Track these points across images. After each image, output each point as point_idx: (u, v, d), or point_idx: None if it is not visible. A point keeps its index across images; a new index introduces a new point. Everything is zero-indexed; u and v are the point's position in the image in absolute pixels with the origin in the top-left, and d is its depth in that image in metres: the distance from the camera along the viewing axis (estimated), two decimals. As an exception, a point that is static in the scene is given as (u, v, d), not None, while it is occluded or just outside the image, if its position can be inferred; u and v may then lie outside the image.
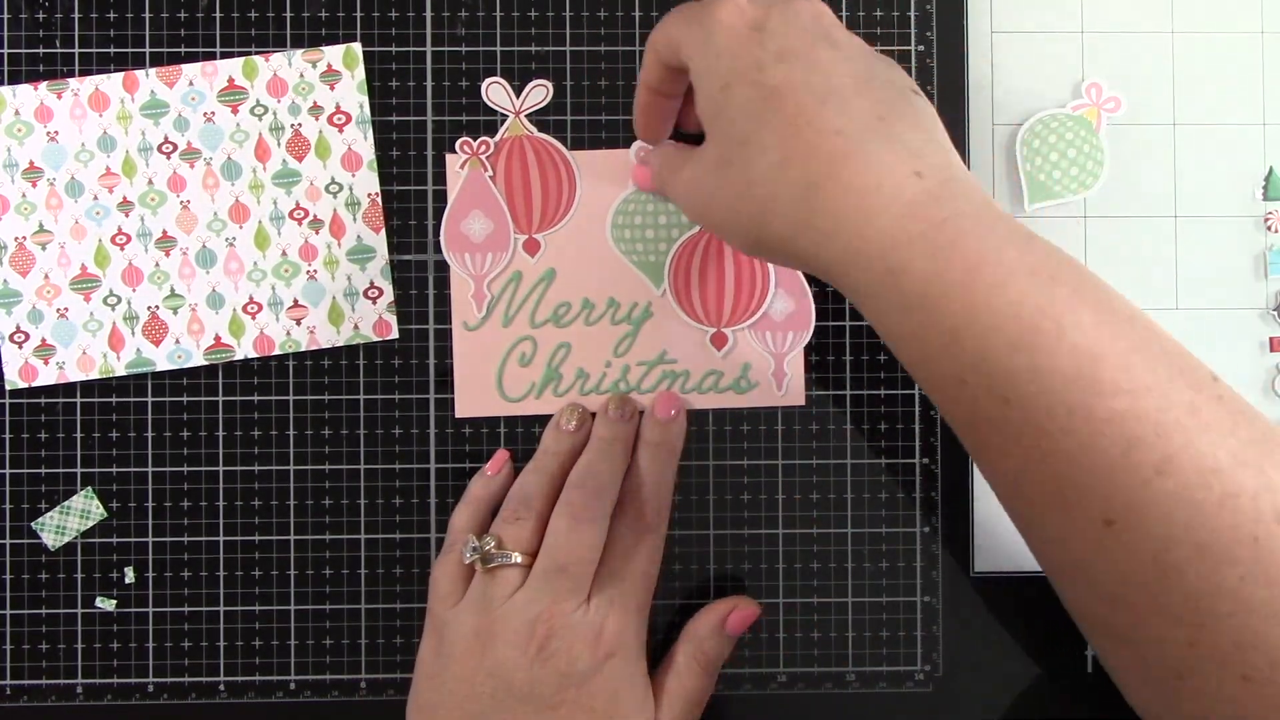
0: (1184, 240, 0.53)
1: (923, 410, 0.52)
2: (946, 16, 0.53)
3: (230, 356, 0.52)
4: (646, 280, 0.52)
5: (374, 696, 0.52)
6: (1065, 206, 0.53)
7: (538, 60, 0.52)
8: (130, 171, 0.51)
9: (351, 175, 0.52)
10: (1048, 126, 0.53)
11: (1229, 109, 0.53)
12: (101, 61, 0.51)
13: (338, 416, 0.52)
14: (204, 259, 0.52)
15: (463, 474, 0.52)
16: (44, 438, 0.51)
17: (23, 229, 0.51)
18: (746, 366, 0.52)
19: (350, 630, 0.52)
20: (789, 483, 0.52)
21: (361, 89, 0.52)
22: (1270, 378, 0.53)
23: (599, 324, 0.52)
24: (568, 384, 0.52)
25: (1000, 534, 0.53)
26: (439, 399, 0.52)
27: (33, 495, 0.51)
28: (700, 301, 0.52)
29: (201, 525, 0.52)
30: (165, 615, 0.52)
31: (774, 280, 0.52)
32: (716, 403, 0.52)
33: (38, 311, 0.51)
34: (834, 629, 0.52)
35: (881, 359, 0.52)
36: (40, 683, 0.51)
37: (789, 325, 0.52)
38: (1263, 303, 0.53)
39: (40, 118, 0.51)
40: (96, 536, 0.52)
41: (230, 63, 0.52)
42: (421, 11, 0.52)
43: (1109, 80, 0.53)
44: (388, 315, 0.52)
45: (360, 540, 0.52)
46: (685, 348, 0.52)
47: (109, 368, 0.51)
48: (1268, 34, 0.53)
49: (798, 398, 0.52)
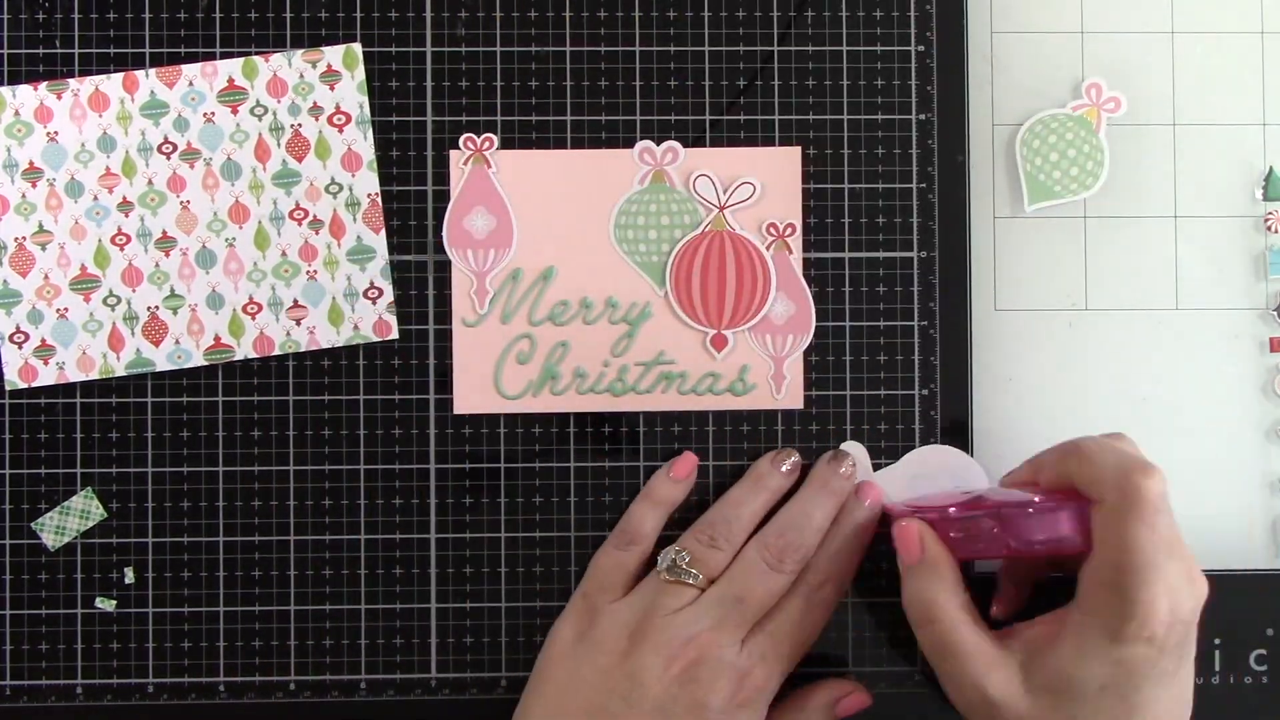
0: (1184, 240, 0.53)
1: (923, 410, 0.52)
2: (946, 16, 0.53)
3: (230, 357, 0.52)
4: (648, 280, 0.52)
5: (374, 697, 0.52)
6: (1065, 206, 0.53)
7: (537, 60, 0.52)
8: (130, 172, 0.51)
9: (351, 175, 0.52)
10: (1048, 126, 0.53)
11: (1229, 109, 0.53)
12: (101, 61, 0.51)
13: (338, 416, 0.52)
14: (204, 259, 0.52)
15: (463, 474, 0.52)
16: (44, 438, 0.52)
17: (23, 229, 0.51)
18: (745, 369, 0.52)
19: (350, 630, 0.52)
20: (789, 483, 0.52)
21: (361, 89, 0.52)
22: (1270, 378, 0.53)
23: (598, 323, 0.52)
24: (565, 383, 0.52)
25: (1000, 534, 0.53)
26: (439, 399, 0.52)
27: (33, 495, 0.51)
28: (701, 303, 0.52)
29: (201, 525, 0.52)
30: (165, 615, 0.52)
31: (775, 283, 0.52)
32: (714, 404, 0.52)
33: (38, 312, 0.51)
34: (833, 629, 0.52)
35: (881, 359, 0.52)
36: (40, 683, 0.51)
37: (789, 328, 0.52)
38: (1263, 303, 0.53)
39: (40, 118, 0.51)
40: (96, 536, 0.52)
41: (230, 63, 0.52)
42: (421, 11, 0.52)
43: (1109, 80, 0.53)
44: (388, 315, 0.52)
45: (360, 540, 0.52)
46: (684, 349, 0.52)
47: (109, 368, 0.51)
48: (1268, 34, 0.53)
49: (796, 401, 0.52)
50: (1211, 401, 0.53)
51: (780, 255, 0.52)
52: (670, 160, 0.52)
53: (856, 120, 0.52)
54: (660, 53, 0.52)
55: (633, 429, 0.52)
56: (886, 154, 0.53)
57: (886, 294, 0.52)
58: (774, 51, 0.53)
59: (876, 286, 0.52)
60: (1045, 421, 0.53)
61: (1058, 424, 0.53)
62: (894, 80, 0.52)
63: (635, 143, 0.52)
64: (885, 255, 0.52)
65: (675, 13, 0.52)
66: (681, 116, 0.52)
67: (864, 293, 0.52)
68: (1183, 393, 0.53)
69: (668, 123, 0.52)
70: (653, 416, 0.52)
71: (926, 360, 0.52)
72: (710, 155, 0.52)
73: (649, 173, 0.52)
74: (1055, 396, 0.53)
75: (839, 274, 0.52)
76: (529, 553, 0.52)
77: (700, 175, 0.52)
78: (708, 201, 0.52)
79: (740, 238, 0.52)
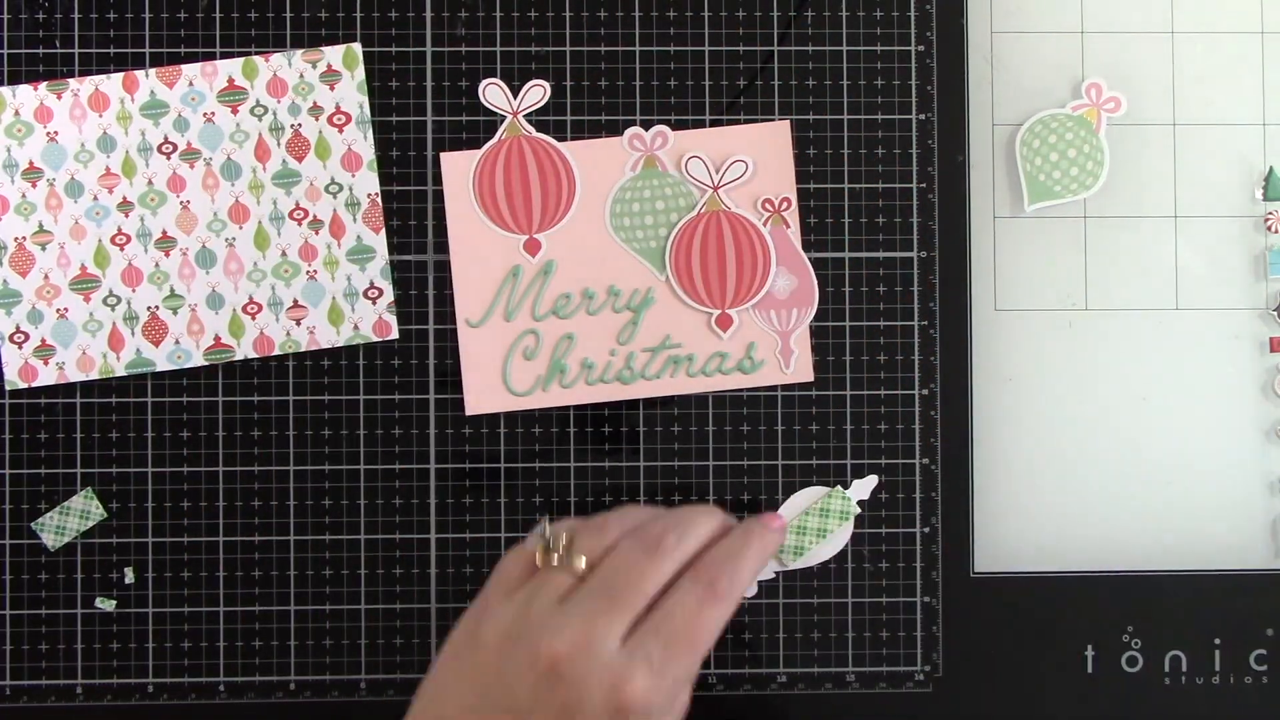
0: (1184, 240, 0.53)
1: (923, 410, 0.52)
2: (946, 16, 0.53)
3: (230, 357, 0.52)
4: (648, 266, 0.52)
5: (374, 696, 0.52)
6: (1065, 206, 0.53)
7: (537, 60, 0.52)
8: (130, 172, 0.51)
9: (351, 175, 0.52)
10: (1048, 126, 0.53)
11: (1229, 109, 0.53)
12: (101, 61, 0.51)
13: (338, 416, 0.52)
14: (204, 259, 0.52)
15: (463, 474, 0.52)
16: (44, 438, 0.51)
17: (23, 229, 0.51)
18: (752, 346, 0.52)
19: (350, 630, 0.52)
20: (789, 483, 0.52)
21: (361, 89, 0.52)
22: (1270, 378, 0.53)
23: (601, 313, 0.52)
24: (573, 376, 0.52)
25: (1000, 534, 0.53)
26: (439, 399, 0.52)
27: (33, 495, 0.51)
28: (703, 284, 0.52)
29: (201, 525, 0.52)
30: (165, 615, 0.52)
31: (775, 258, 0.52)
32: (723, 384, 0.52)
33: (38, 312, 0.51)
34: (834, 629, 0.52)
35: (881, 359, 0.52)
36: (40, 683, 0.51)
37: (793, 302, 0.52)
38: (1263, 303, 0.53)
39: (40, 118, 0.51)
40: (96, 536, 0.52)
41: (230, 63, 0.52)
42: (421, 11, 0.52)
43: (1109, 80, 0.53)
44: (388, 315, 0.52)
45: (360, 540, 0.52)
46: (689, 331, 0.52)
47: (109, 368, 0.51)
48: (1268, 34, 0.53)
49: (805, 374, 0.52)
50: (1211, 401, 0.53)
51: (778, 230, 0.52)
52: (660, 145, 0.52)
53: (856, 120, 0.52)
54: (660, 52, 0.52)
55: (633, 428, 0.52)
56: (886, 154, 0.53)
57: (886, 294, 0.52)
58: (774, 51, 0.53)
59: (876, 286, 0.52)
60: (1045, 421, 0.53)
61: (1058, 424, 0.53)
62: (894, 80, 0.53)
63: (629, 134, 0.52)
64: (885, 255, 0.52)
65: (675, 12, 0.52)
66: (682, 116, 0.52)
67: (864, 292, 0.52)
68: (1183, 393, 0.53)
69: (668, 122, 0.52)
70: (653, 416, 0.52)
71: (926, 360, 0.52)
72: (700, 137, 0.52)
73: (640, 159, 0.52)
74: (1055, 396, 0.53)
75: (839, 274, 0.52)
76: (529, 553, 0.52)
77: (692, 157, 0.52)
78: (701, 183, 0.52)
79: (737, 216, 0.52)
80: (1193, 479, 0.53)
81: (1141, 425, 0.53)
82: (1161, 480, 0.53)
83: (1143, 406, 0.53)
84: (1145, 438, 0.53)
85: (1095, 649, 0.52)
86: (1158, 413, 0.53)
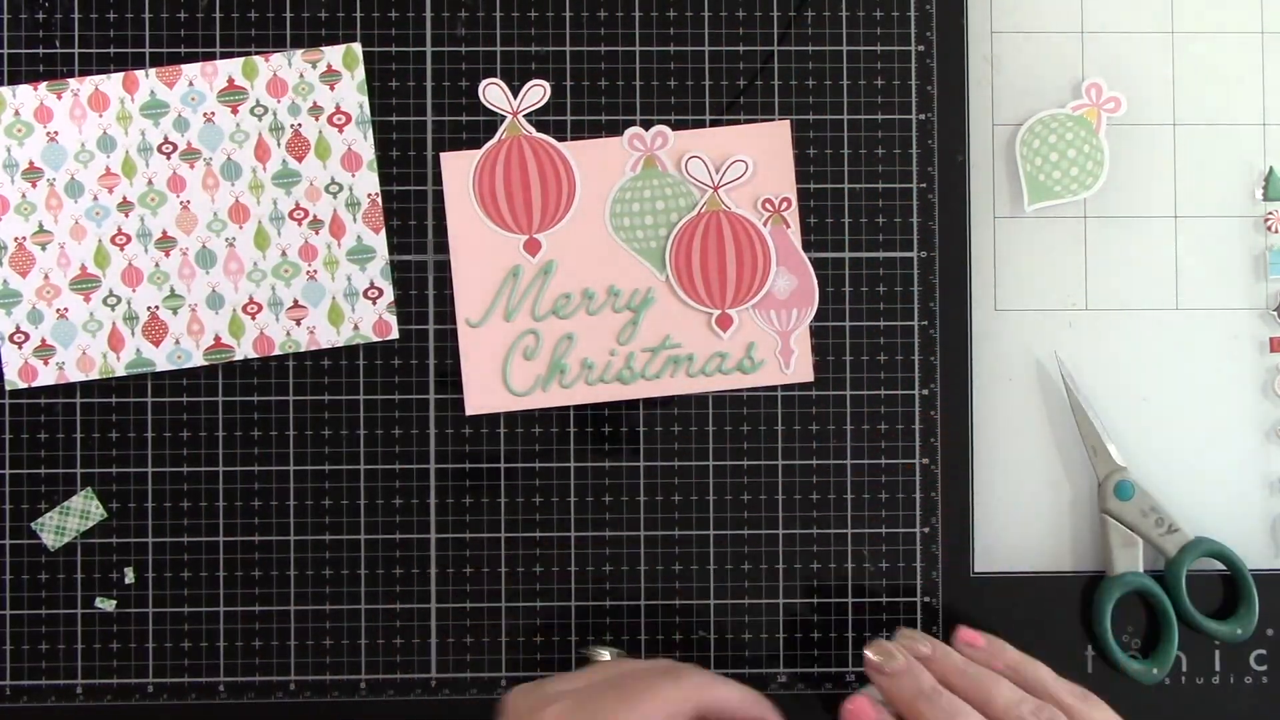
0: (1184, 240, 0.53)
1: (923, 410, 0.52)
2: (946, 16, 0.53)
3: (230, 357, 0.52)
4: (648, 266, 0.52)
5: (374, 696, 0.52)
6: (1065, 206, 0.53)
7: (537, 60, 0.52)
8: (130, 172, 0.51)
9: (351, 175, 0.52)
10: (1048, 126, 0.53)
11: (1229, 109, 0.53)
12: (101, 61, 0.51)
13: (338, 416, 0.52)
14: (204, 259, 0.52)
15: (463, 474, 0.52)
16: (44, 438, 0.51)
17: (23, 229, 0.51)
18: (752, 346, 0.52)
19: (350, 630, 0.52)
20: (789, 483, 0.52)
21: (361, 89, 0.52)
22: (1270, 378, 0.53)
23: (601, 313, 0.52)
24: (573, 376, 0.52)
25: (1000, 534, 0.53)
26: (439, 399, 0.52)
27: (33, 495, 0.51)
28: (703, 284, 0.52)
29: (201, 525, 0.52)
30: (165, 615, 0.52)
31: (775, 257, 0.52)
32: (723, 384, 0.52)
33: (38, 312, 0.51)
34: (834, 629, 0.52)
35: (881, 359, 0.52)
36: (40, 683, 0.51)
37: (793, 302, 0.52)
38: (1263, 303, 0.53)
39: (40, 118, 0.51)
40: (96, 536, 0.52)
41: (230, 63, 0.52)
42: (421, 11, 0.52)
43: (1109, 80, 0.53)
44: (388, 315, 0.52)
45: (360, 540, 0.52)
46: (689, 331, 0.52)
47: (109, 368, 0.51)
48: (1268, 34, 0.53)
49: (805, 374, 0.52)
50: (1211, 401, 0.53)
51: (778, 230, 0.52)
52: (660, 145, 0.52)
53: (856, 120, 0.52)
54: (660, 53, 0.52)
55: (633, 428, 0.52)
56: (886, 154, 0.53)
57: (886, 294, 0.52)
58: (774, 51, 0.53)
59: (876, 286, 0.52)
60: (1045, 421, 0.53)
61: (1058, 424, 0.53)
62: (894, 80, 0.53)
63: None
64: (885, 255, 0.52)
65: (675, 12, 0.52)
66: (682, 116, 0.52)
67: (864, 292, 0.52)
68: (1183, 393, 0.53)
69: (668, 122, 0.52)
70: (653, 416, 0.52)
71: (926, 360, 0.52)
72: (700, 136, 0.52)
73: (640, 159, 0.52)
74: (1055, 396, 0.53)
75: (839, 274, 0.52)
76: (529, 553, 0.52)
77: (692, 157, 0.52)
78: (701, 183, 0.52)
79: (737, 216, 0.52)
80: (1192, 479, 0.53)
81: (1141, 425, 0.53)
82: (1162, 480, 0.53)
83: (1143, 406, 0.53)
84: (1145, 437, 0.53)
85: (1095, 649, 0.52)
86: (1158, 412, 0.53)
